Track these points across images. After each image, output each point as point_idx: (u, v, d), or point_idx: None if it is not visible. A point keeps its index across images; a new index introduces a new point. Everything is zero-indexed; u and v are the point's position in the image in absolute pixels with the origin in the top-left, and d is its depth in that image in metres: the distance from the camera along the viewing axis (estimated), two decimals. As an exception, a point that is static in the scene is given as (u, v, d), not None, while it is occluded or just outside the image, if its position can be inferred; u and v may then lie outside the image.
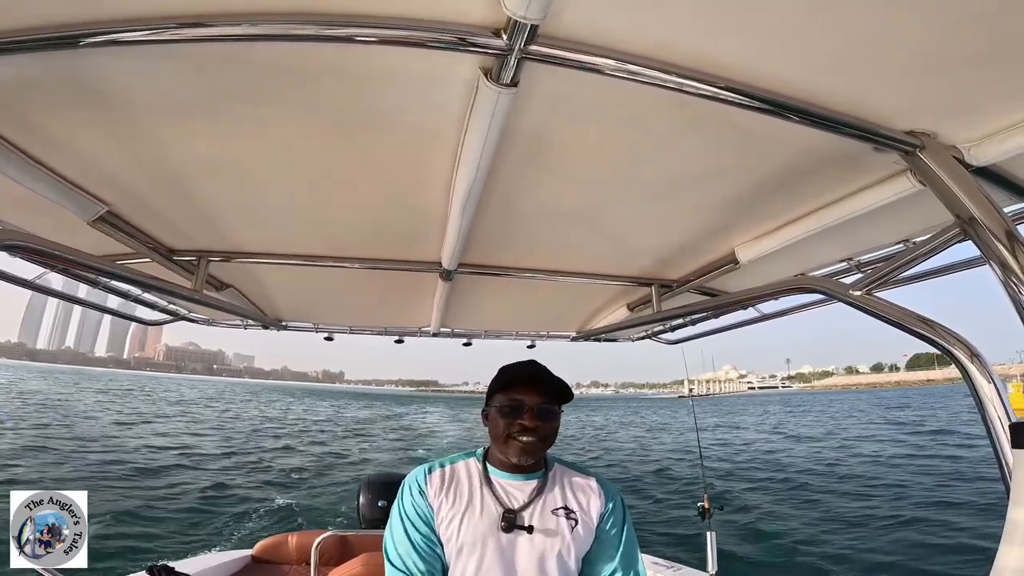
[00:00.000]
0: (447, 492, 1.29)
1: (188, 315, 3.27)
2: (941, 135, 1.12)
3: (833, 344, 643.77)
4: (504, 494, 1.29)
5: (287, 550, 3.52)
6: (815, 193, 1.50)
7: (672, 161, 1.37)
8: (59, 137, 1.29)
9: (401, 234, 2.00)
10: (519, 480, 1.31)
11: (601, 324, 3.34)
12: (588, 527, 1.30)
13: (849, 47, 0.91)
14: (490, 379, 1.35)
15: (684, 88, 0.97)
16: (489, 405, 1.35)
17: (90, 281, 2.13)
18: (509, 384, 1.30)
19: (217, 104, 1.16)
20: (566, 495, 1.32)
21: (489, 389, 1.35)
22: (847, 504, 10.61)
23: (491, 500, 1.27)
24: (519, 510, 1.26)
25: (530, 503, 1.28)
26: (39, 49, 0.91)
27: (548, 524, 1.26)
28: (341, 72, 1.05)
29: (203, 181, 1.56)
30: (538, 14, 0.79)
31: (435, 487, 1.29)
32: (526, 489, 1.30)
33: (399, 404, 71.71)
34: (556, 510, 1.29)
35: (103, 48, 0.91)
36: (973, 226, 1.00)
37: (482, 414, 1.38)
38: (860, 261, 1.93)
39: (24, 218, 1.72)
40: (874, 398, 75.59)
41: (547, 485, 1.32)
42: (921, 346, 1.34)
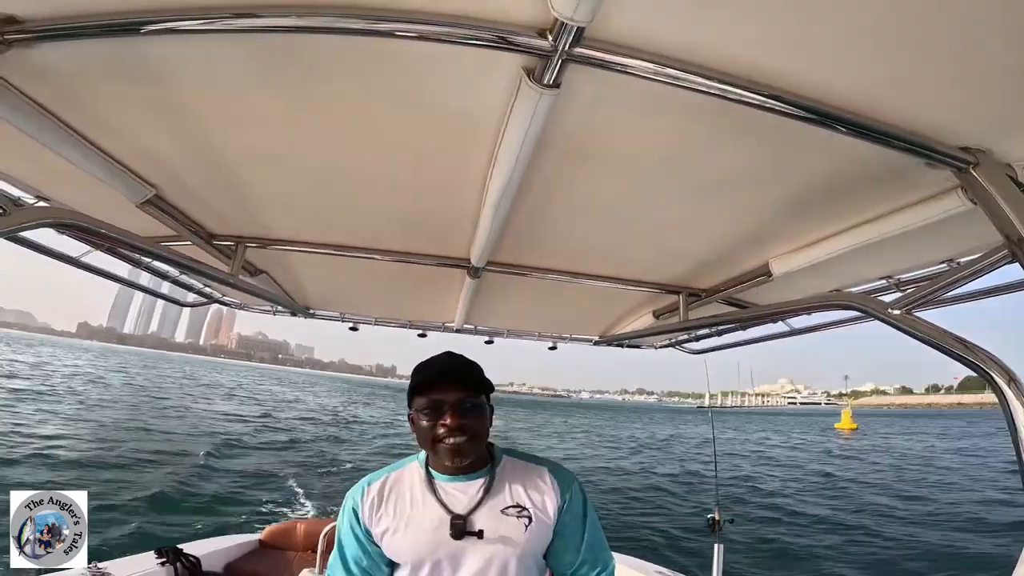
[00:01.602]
0: (387, 505, 1.23)
1: (222, 298, 3.37)
2: (997, 152, 1.07)
3: (900, 361, 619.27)
4: (448, 499, 1.22)
5: (295, 537, 3.60)
6: (858, 207, 1.45)
7: (711, 167, 1.35)
8: (113, 121, 1.34)
9: (432, 229, 2.02)
10: (462, 482, 1.24)
11: (625, 330, 3.32)
12: (544, 523, 1.23)
13: (904, 60, 0.89)
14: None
15: (728, 95, 0.95)
16: (410, 408, 1.26)
17: (133, 261, 2.21)
18: (425, 383, 1.21)
19: (263, 93, 1.19)
20: (516, 492, 1.24)
21: (408, 392, 1.26)
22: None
23: (436, 506, 1.20)
24: (467, 515, 1.19)
25: (478, 506, 1.20)
26: (103, 35, 0.95)
27: (500, 526, 1.19)
28: (384, 64, 1.06)
29: (246, 168, 1.60)
30: (586, 16, 0.79)
31: (370, 503, 1.24)
32: (471, 491, 1.22)
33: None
34: (507, 509, 1.21)
35: (160, 36, 0.95)
36: (1022, 247, 0.96)
37: (408, 418, 1.28)
38: (900, 280, 1.86)
39: (72, 198, 1.80)
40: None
41: (494, 483, 1.24)
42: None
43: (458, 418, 1.18)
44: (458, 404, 1.19)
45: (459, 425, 1.18)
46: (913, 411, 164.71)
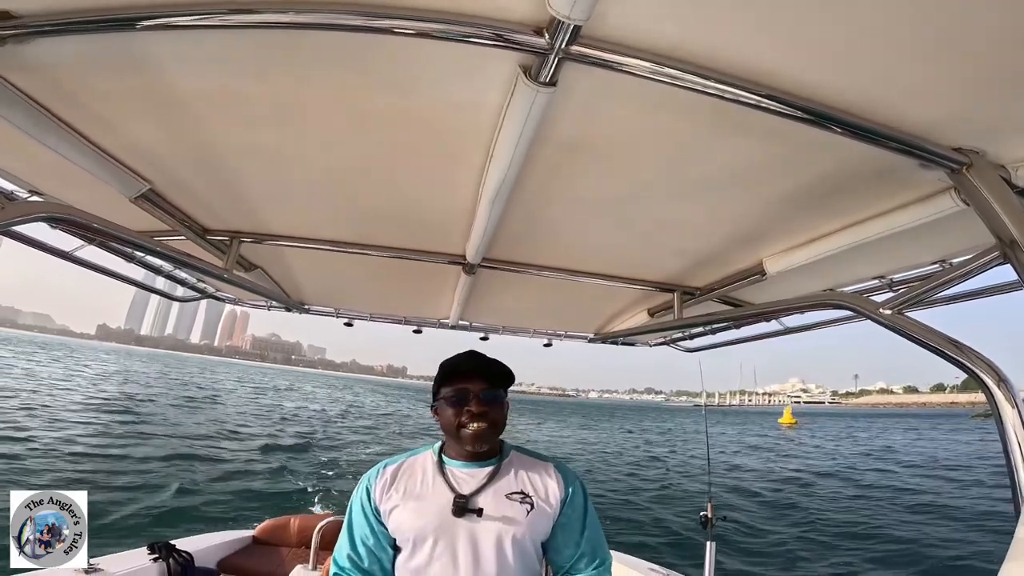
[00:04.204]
0: (398, 484, 1.32)
1: (216, 293, 3.36)
2: (990, 154, 1.08)
3: (912, 360, 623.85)
4: (456, 481, 1.30)
5: (288, 532, 3.60)
6: (852, 207, 1.47)
7: (706, 166, 1.36)
8: (108, 115, 1.34)
9: (427, 225, 2.02)
10: (473, 467, 1.33)
11: (620, 327, 3.33)
12: (545, 512, 1.30)
13: (899, 61, 0.89)
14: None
15: (724, 94, 0.95)
16: (436, 399, 1.37)
17: (126, 256, 2.19)
18: (452, 375, 1.33)
19: (258, 88, 1.19)
20: (521, 480, 1.33)
21: (434, 385, 1.38)
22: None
23: (444, 487, 1.29)
24: (471, 495, 1.27)
25: (482, 488, 1.29)
26: (99, 30, 0.94)
27: (502, 508, 1.26)
28: (380, 61, 1.06)
29: (241, 163, 1.59)
30: (582, 15, 0.79)
31: (383, 483, 1.33)
32: (479, 475, 1.31)
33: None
34: (511, 495, 1.29)
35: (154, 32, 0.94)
36: (1014, 249, 0.98)
37: (431, 410, 1.40)
38: (893, 280, 1.88)
39: (66, 192, 1.79)
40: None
41: (501, 471, 1.33)
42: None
43: (481, 405, 1.29)
44: (481, 393, 1.30)
45: (482, 412, 1.28)
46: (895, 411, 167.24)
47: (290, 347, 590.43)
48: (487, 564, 1.21)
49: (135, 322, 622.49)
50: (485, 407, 1.29)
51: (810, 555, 8.45)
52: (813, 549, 8.78)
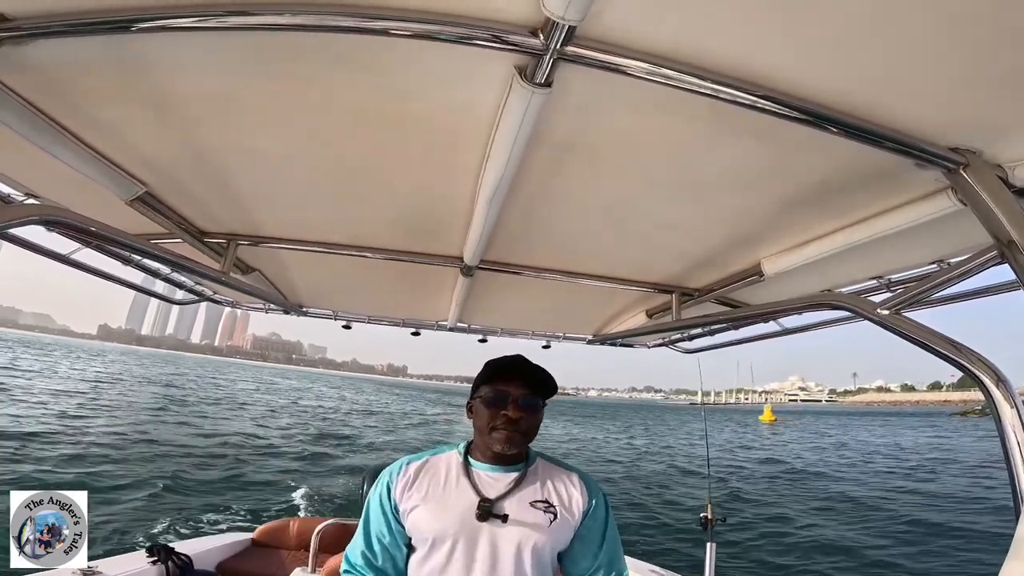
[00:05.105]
0: (420, 483, 1.29)
1: (213, 296, 3.35)
2: (987, 153, 1.08)
3: (911, 359, 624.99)
4: (482, 484, 1.28)
5: (288, 535, 3.59)
6: (849, 208, 1.46)
7: (703, 167, 1.36)
8: (104, 118, 1.33)
9: (425, 227, 2.01)
10: (499, 472, 1.31)
11: (619, 329, 3.33)
12: (568, 523, 1.28)
13: (897, 61, 0.89)
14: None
15: (720, 95, 0.95)
16: (474, 397, 1.35)
17: (122, 259, 2.19)
18: (495, 376, 1.31)
19: (254, 90, 1.19)
20: (547, 488, 1.31)
21: (475, 382, 1.36)
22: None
23: (468, 489, 1.27)
24: (496, 500, 1.25)
25: (508, 493, 1.27)
26: (94, 33, 0.94)
27: (526, 515, 1.24)
28: (376, 63, 1.06)
29: (238, 166, 1.59)
30: (577, 15, 0.79)
31: (405, 480, 1.30)
32: (505, 480, 1.29)
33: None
34: (535, 503, 1.27)
35: (150, 34, 0.94)
36: (1012, 249, 0.97)
37: (467, 407, 1.39)
38: (891, 280, 1.88)
39: (62, 195, 1.78)
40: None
41: (527, 478, 1.31)
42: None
43: (519, 410, 1.27)
44: (520, 398, 1.28)
45: (518, 417, 1.27)
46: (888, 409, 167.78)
47: (291, 346, 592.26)
48: (504, 571, 1.19)
49: (136, 322, 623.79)
50: (522, 412, 1.27)
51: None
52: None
